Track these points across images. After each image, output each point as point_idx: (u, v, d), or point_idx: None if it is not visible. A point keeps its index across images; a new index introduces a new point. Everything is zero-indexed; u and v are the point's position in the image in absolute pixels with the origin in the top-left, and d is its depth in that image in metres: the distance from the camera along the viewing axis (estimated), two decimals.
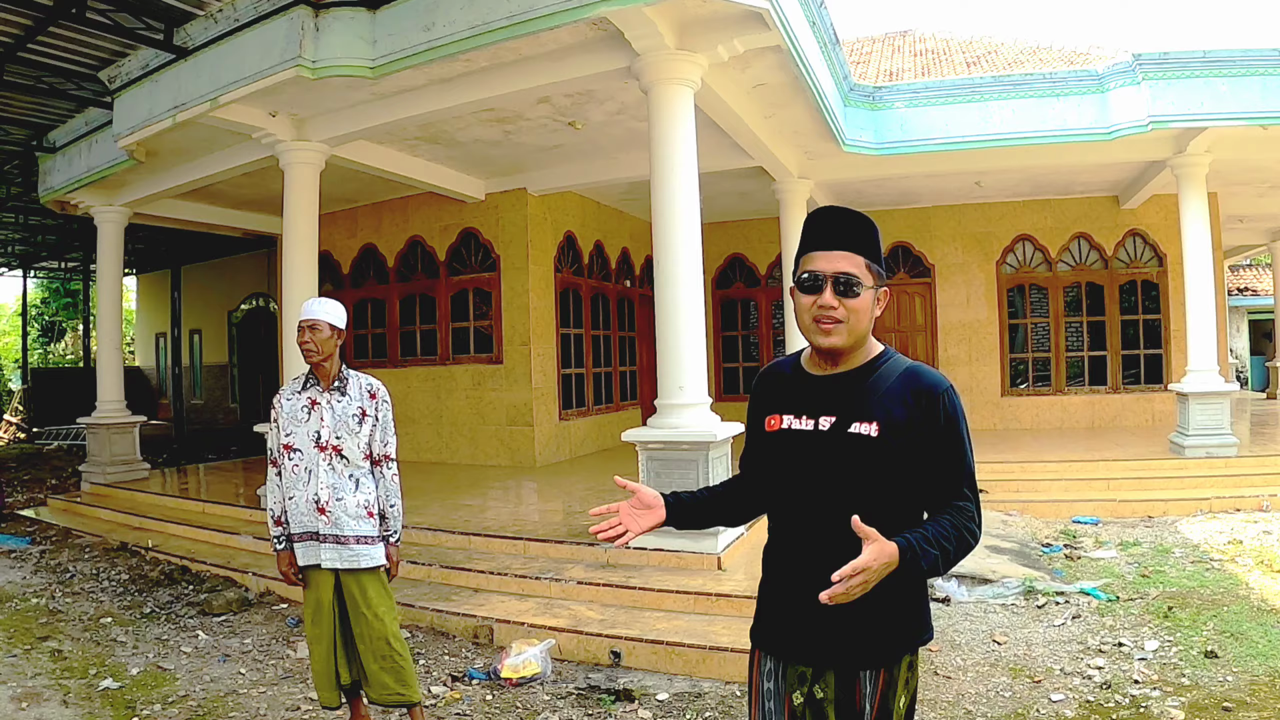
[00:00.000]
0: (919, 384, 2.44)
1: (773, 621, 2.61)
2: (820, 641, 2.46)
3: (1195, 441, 11.54)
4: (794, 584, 2.50)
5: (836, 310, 2.39)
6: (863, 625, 2.41)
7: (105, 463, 13.44)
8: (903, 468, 2.39)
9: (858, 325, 2.42)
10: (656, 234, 7.77)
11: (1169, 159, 11.86)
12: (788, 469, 2.55)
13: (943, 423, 2.40)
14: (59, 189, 12.97)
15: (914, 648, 2.50)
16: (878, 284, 2.47)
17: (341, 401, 4.60)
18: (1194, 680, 5.49)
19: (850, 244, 2.43)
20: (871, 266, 2.44)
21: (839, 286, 2.39)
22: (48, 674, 6.06)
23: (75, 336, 33.64)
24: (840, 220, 2.48)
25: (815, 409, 2.49)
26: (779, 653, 2.57)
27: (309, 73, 8.02)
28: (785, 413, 2.57)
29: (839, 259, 2.41)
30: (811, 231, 2.50)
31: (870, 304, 2.44)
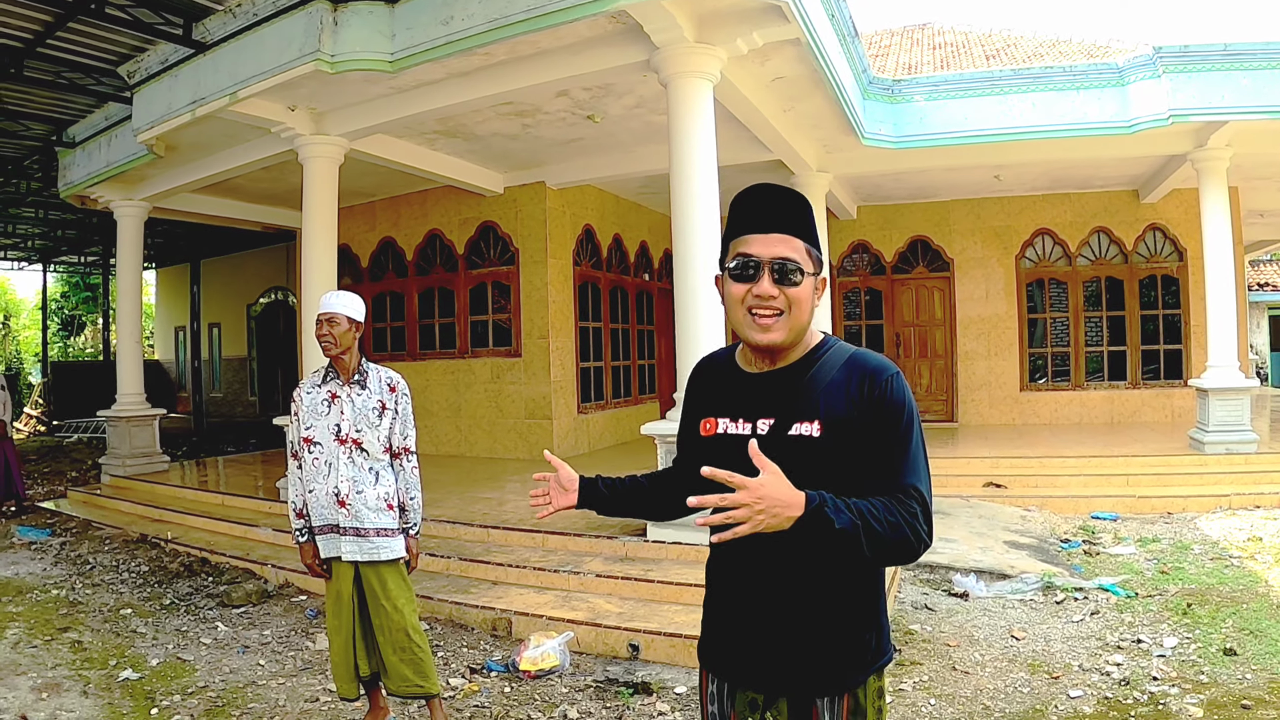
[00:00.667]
0: (862, 371, 2.18)
1: (719, 641, 2.40)
2: (770, 665, 2.25)
3: (1215, 438, 11.47)
4: (739, 603, 2.32)
5: (776, 300, 2.16)
6: (816, 647, 2.21)
7: (125, 455, 13.50)
8: (850, 469, 2.14)
9: (799, 317, 2.19)
10: (676, 227, 7.75)
11: (1189, 153, 11.78)
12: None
13: (885, 411, 2.14)
14: (79, 184, 13.03)
15: (877, 670, 2.28)
16: (818, 270, 2.24)
17: (361, 395, 4.61)
18: (1213, 678, 5.46)
19: (788, 225, 2.19)
20: (811, 251, 2.21)
21: (777, 273, 2.15)
22: (68, 665, 6.11)
23: (95, 330, 33.83)
24: (777, 198, 2.22)
25: (752, 410, 2.26)
26: (727, 675, 2.37)
27: (328, 67, 8.03)
28: (721, 415, 2.34)
29: (777, 242, 2.17)
30: (743, 211, 2.24)
31: (811, 293, 2.20)
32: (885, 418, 2.13)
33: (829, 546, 1.99)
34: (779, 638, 2.21)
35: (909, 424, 2.16)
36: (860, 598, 2.23)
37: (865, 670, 2.23)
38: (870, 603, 2.25)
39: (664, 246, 16.97)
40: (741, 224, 2.23)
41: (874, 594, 2.27)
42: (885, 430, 2.13)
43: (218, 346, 26.08)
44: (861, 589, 2.23)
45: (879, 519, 2.00)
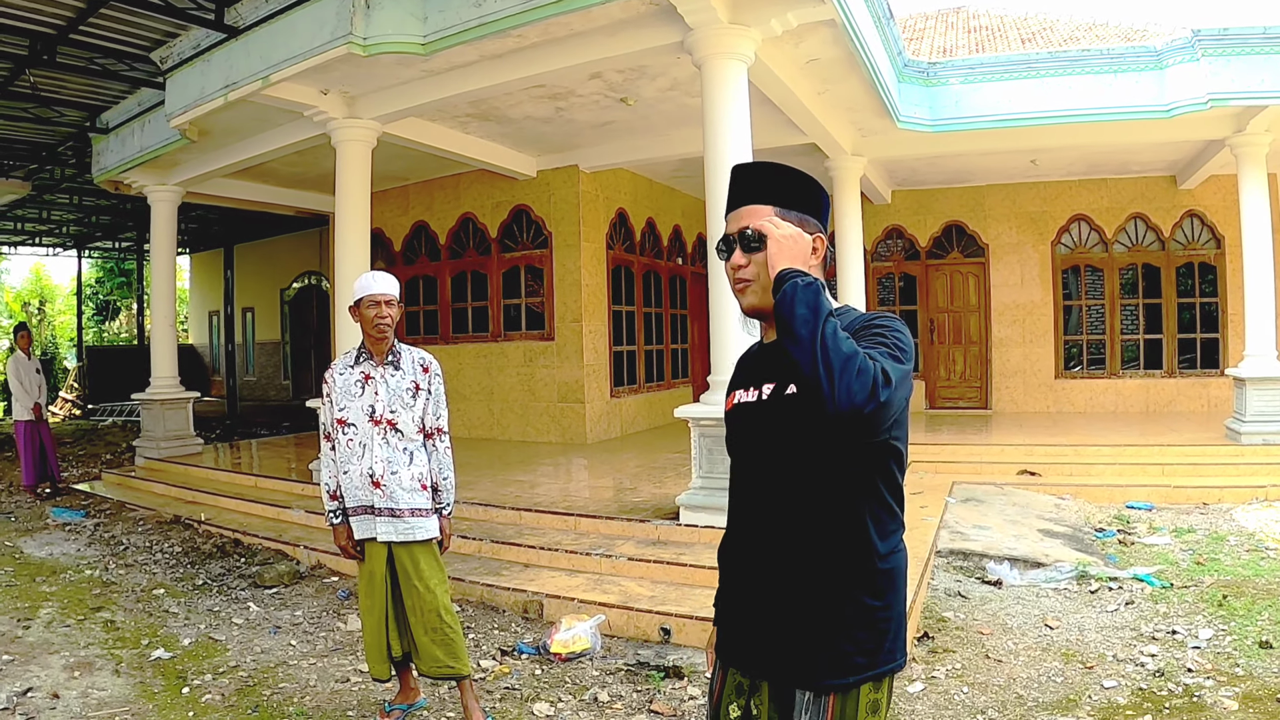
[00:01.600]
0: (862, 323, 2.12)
1: (720, 621, 2.40)
2: (755, 646, 2.22)
3: (1252, 428, 11.32)
4: (736, 577, 2.32)
5: (746, 269, 2.21)
6: (802, 632, 2.12)
7: (159, 438, 13.60)
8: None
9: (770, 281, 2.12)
10: (709, 211, 7.70)
11: (1228, 138, 11.62)
12: (736, 447, 2.38)
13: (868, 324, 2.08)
14: (112, 169, 13.13)
15: (875, 675, 2.14)
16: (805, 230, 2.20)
17: (395, 376, 4.61)
18: (1248, 670, 5.39)
19: (756, 195, 2.26)
20: (788, 213, 2.23)
21: (744, 242, 2.22)
22: (100, 644, 6.16)
23: (129, 315, 34.11)
24: (745, 174, 2.31)
25: (759, 377, 2.30)
26: (720, 652, 2.38)
27: (360, 50, 8.02)
28: (736, 388, 2.40)
29: (743, 215, 2.25)
30: (727, 197, 2.35)
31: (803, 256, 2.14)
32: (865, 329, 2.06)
33: (785, 315, 1.92)
34: (765, 616, 2.18)
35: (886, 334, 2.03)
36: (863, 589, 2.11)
37: (859, 673, 2.11)
38: (874, 598, 2.13)
39: (698, 230, 16.97)
40: (726, 208, 2.34)
41: (881, 589, 2.14)
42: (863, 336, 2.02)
43: (251, 330, 26.28)
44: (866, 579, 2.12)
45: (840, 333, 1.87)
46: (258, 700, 5.18)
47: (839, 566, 2.11)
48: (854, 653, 2.10)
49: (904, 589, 2.21)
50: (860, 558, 2.11)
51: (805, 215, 2.25)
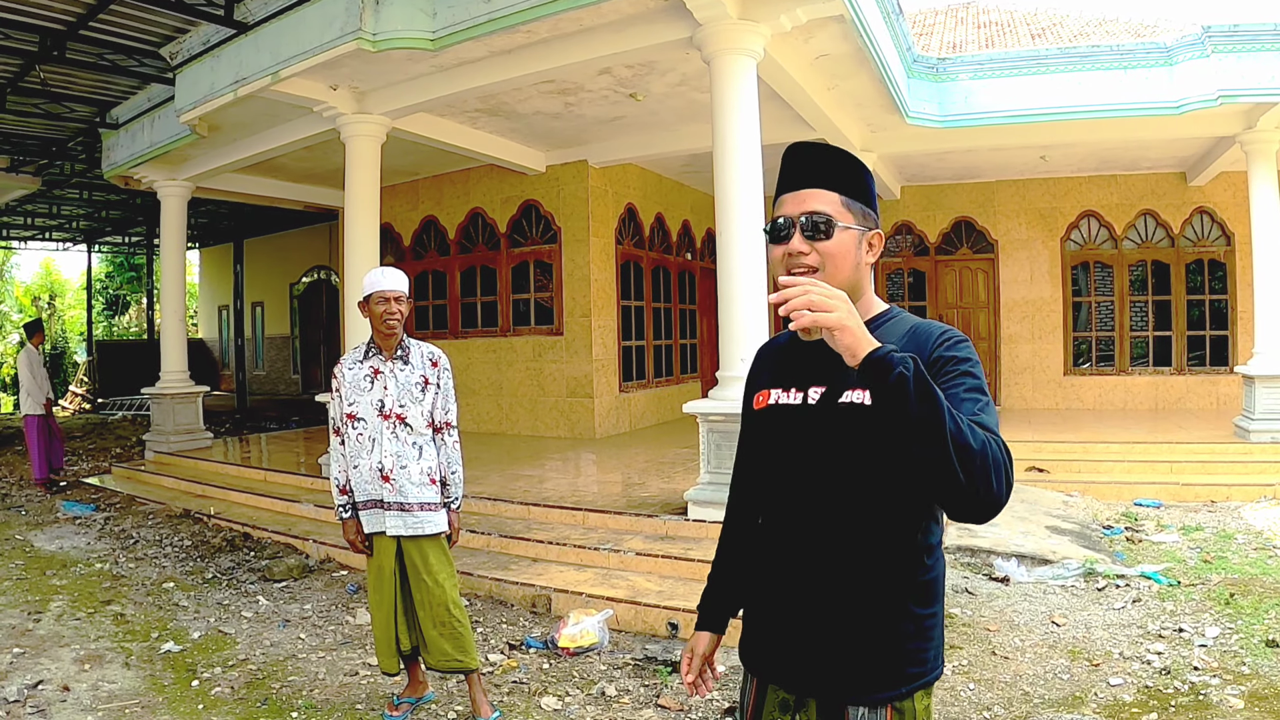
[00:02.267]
0: (925, 334, 2.04)
1: (754, 634, 2.26)
2: (802, 662, 2.10)
3: (1261, 426, 11.29)
4: (776, 590, 2.17)
5: (808, 256, 2.04)
6: (856, 646, 2.03)
7: (169, 432, 13.66)
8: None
9: (836, 272, 2.03)
10: (718, 206, 7.72)
11: (1238, 134, 11.57)
12: (773, 451, 2.22)
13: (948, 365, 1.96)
14: (122, 164, 13.17)
15: (925, 682, 2.08)
16: (864, 224, 2.09)
17: (404, 370, 4.63)
18: (1254, 669, 5.38)
19: (822, 179, 2.09)
20: (852, 204, 2.08)
21: (808, 229, 2.04)
22: (110, 637, 6.20)
23: (139, 309, 34.23)
24: (809, 154, 2.13)
25: (804, 379, 2.13)
26: (758, 669, 2.24)
27: (369, 45, 8.04)
28: (774, 386, 2.22)
29: (807, 198, 2.07)
30: (781, 174, 2.16)
31: (853, 247, 2.06)
32: (951, 370, 1.94)
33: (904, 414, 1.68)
34: (813, 631, 2.06)
35: (979, 382, 1.95)
36: (911, 598, 2.04)
37: (911, 683, 2.04)
38: (922, 607, 2.06)
39: (707, 226, 16.98)
40: (780, 186, 2.17)
41: (928, 597, 2.07)
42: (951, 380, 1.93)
43: (261, 325, 26.36)
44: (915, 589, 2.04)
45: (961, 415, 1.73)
46: (267, 693, 5.21)
47: (892, 577, 2.02)
48: (908, 663, 2.04)
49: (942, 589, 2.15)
50: (911, 566, 2.04)
51: (867, 208, 2.12)
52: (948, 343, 2.00)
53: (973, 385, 1.93)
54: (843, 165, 2.12)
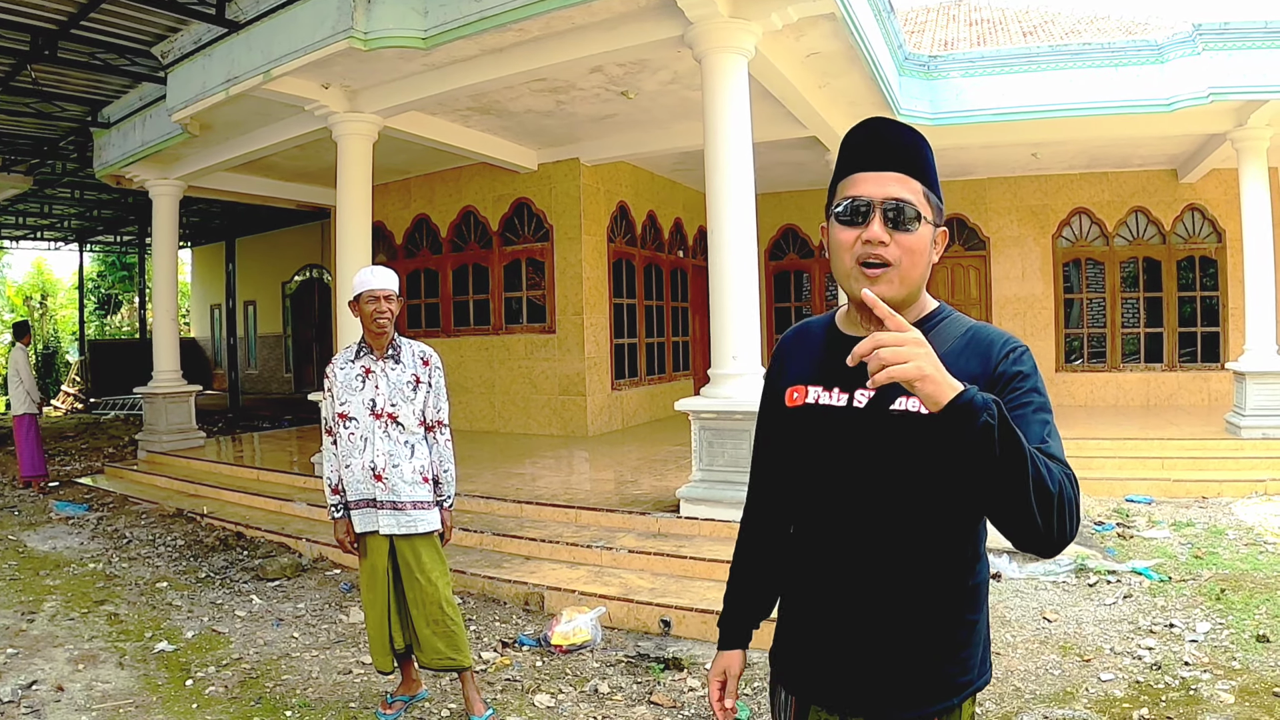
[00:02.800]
0: (985, 343, 1.88)
1: (791, 649, 2.11)
2: (846, 679, 1.96)
3: (1252, 422, 11.32)
4: (818, 605, 2.01)
5: (887, 248, 1.84)
6: (906, 658, 1.90)
7: (161, 431, 13.65)
8: None
9: (911, 270, 1.87)
10: (710, 203, 7.73)
11: (1229, 132, 11.60)
12: (812, 456, 2.01)
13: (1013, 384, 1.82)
14: (114, 164, 13.15)
15: (974, 690, 1.97)
16: (937, 221, 1.92)
17: (396, 369, 4.64)
18: (1245, 664, 5.40)
19: (906, 164, 1.88)
20: (931, 197, 1.90)
21: (890, 216, 1.84)
22: (104, 636, 6.19)
23: (131, 309, 34.19)
24: (893, 133, 1.91)
25: (849, 378, 1.92)
26: (796, 688, 2.09)
27: (361, 44, 8.04)
28: (811, 383, 2.02)
29: (891, 181, 1.86)
30: (854, 148, 1.94)
31: (928, 243, 1.89)
32: (1017, 389, 1.82)
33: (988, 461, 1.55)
34: (860, 646, 1.93)
35: (1044, 400, 1.84)
36: (962, 606, 1.93)
37: (961, 692, 1.93)
38: (972, 613, 1.95)
39: (698, 223, 16.97)
40: (852, 162, 1.93)
41: (976, 602, 1.96)
42: (1018, 401, 1.80)
43: (253, 324, 26.35)
44: (965, 595, 1.93)
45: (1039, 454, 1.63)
46: (261, 692, 5.21)
47: (943, 585, 1.90)
48: (958, 672, 1.93)
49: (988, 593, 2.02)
50: (962, 573, 1.93)
51: (939, 203, 1.95)
52: (1013, 354, 1.87)
53: (1039, 404, 1.82)
54: (926, 153, 1.93)
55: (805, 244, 17.99)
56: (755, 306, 7.72)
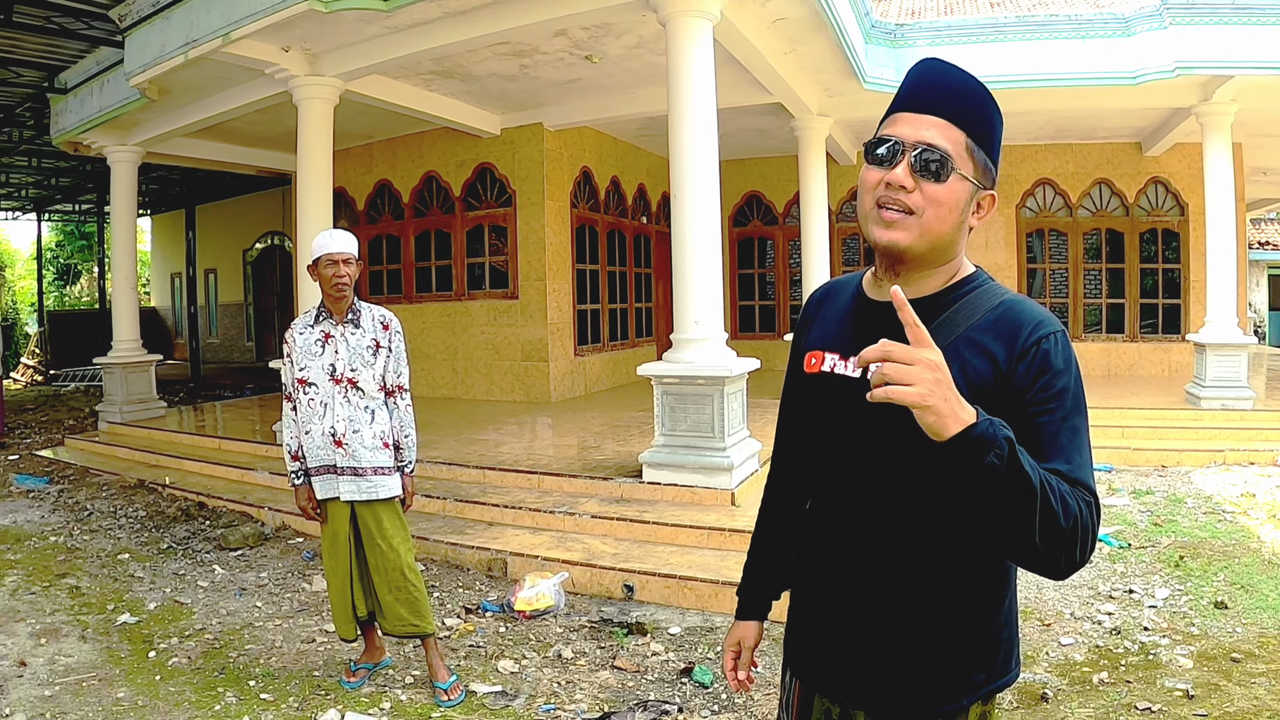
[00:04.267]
0: (1016, 322, 1.70)
1: (799, 635, 2.02)
2: (849, 670, 1.87)
3: (1211, 393, 11.45)
4: (824, 589, 1.92)
5: (910, 194, 1.71)
6: (909, 655, 1.78)
7: (122, 402, 13.49)
8: None
9: (935, 224, 1.72)
10: (674, 168, 7.69)
11: (1194, 106, 11.65)
12: (825, 428, 1.91)
13: (1045, 379, 1.65)
14: (71, 130, 12.92)
15: (988, 692, 1.81)
16: (981, 180, 1.76)
17: (355, 334, 4.59)
18: (1203, 630, 5.48)
19: (952, 110, 1.74)
20: (976, 152, 1.74)
21: (919, 162, 1.70)
22: (66, 610, 6.13)
23: (91, 279, 33.77)
24: (946, 78, 1.77)
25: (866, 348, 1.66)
26: (801, 673, 2.01)
27: (322, 6, 7.90)
28: (830, 349, 1.90)
29: (928, 125, 1.72)
30: (904, 87, 1.81)
31: (962, 200, 1.73)
32: (1044, 389, 1.65)
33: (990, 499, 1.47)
34: (862, 637, 1.83)
35: (1076, 400, 1.67)
36: (975, 601, 1.78)
37: (970, 694, 1.80)
38: (988, 608, 1.80)
39: (662, 189, 16.96)
40: (898, 100, 1.81)
41: (998, 597, 1.81)
42: (1044, 405, 1.65)
43: (214, 292, 26.09)
44: (978, 590, 1.78)
45: (1055, 487, 1.50)
46: (224, 662, 5.18)
47: (958, 577, 1.76)
48: (971, 670, 1.80)
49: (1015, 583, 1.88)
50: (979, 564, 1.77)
51: (990, 162, 1.78)
52: (1042, 344, 1.67)
53: (1069, 410, 1.65)
54: (978, 102, 1.77)
55: (769, 210, 17.97)
56: (718, 273, 7.71)
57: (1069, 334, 11.63)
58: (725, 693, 4.72)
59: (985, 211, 1.79)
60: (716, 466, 7.36)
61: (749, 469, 7.72)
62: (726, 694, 4.71)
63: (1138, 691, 4.64)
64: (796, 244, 16.48)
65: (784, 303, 18.06)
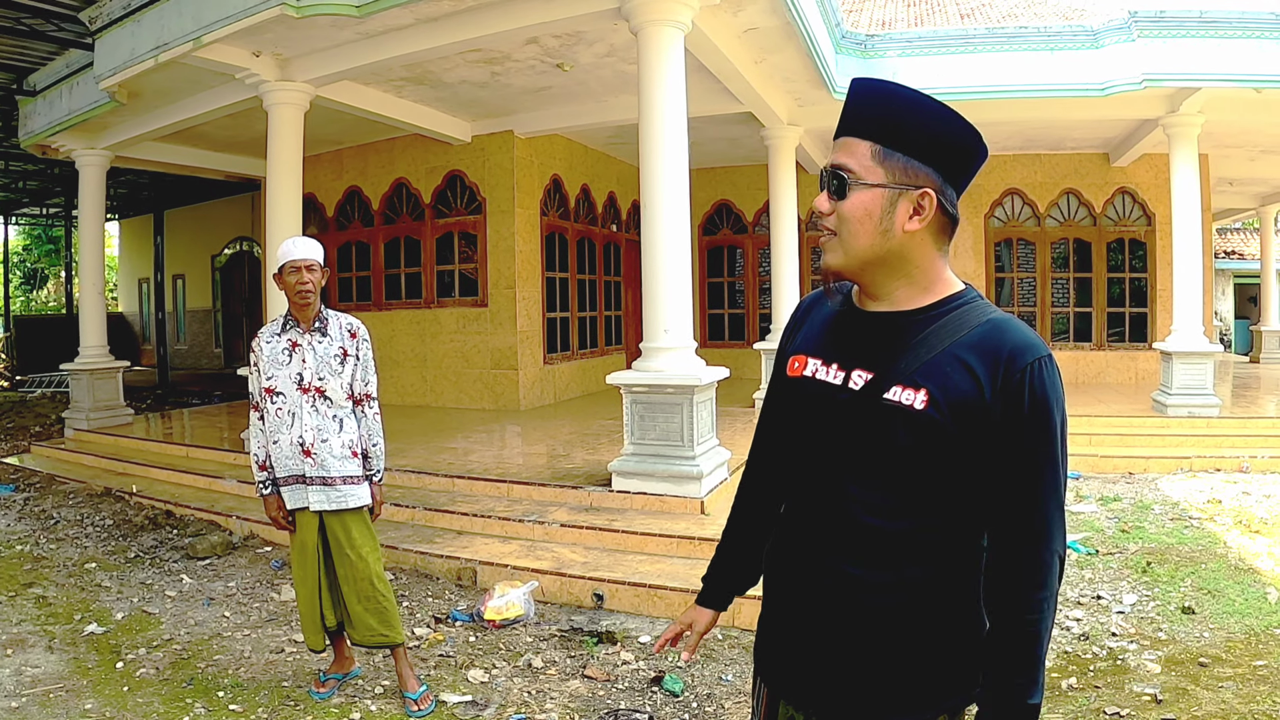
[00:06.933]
0: (998, 343, 1.67)
1: (767, 641, 2.00)
2: (813, 677, 1.85)
3: (1178, 400, 11.58)
4: (790, 594, 1.91)
5: (828, 217, 1.79)
6: (875, 664, 1.76)
7: (89, 409, 13.37)
8: (955, 463, 1.68)
9: (850, 239, 1.76)
10: (644, 177, 7.70)
11: (1161, 118, 11.79)
12: (800, 432, 1.91)
13: (1023, 409, 1.63)
14: (40, 133, 12.80)
15: (954, 706, 1.80)
16: (900, 182, 1.72)
17: (323, 342, 4.56)
18: (1171, 635, 5.54)
19: (858, 125, 1.76)
20: (890, 157, 1.72)
21: (827, 186, 1.79)
22: (33, 620, 6.06)
23: (58, 283, 33.47)
24: (861, 93, 1.79)
25: (850, 357, 1.81)
26: (768, 679, 1.99)
27: (293, 11, 7.88)
28: (813, 354, 1.90)
29: (841, 147, 1.77)
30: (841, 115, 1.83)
31: (874, 209, 1.73)
32: (1021, 420, 1.64)
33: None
34: (825, 645, 1.81)
35: (1054, 436, 1.65)
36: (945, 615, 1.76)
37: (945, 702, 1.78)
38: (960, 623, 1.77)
39: (632, 197, 16.94)
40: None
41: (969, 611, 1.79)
42: (1019, 438, 1.64)
43: (182, 298, 25.89)
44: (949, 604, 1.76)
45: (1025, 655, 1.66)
46: (192, 673, 5.13)
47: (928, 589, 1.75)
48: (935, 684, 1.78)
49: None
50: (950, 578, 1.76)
51: (913, 161, 1.73)
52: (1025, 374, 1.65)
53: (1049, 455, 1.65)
54: (889, 106, 1.75)
55: (739, 219, 18.01)
56: (688, 281, 7.72)
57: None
58: (696, 701, 4.73)
59: (927, 211, 1.73)
60: (686, 475, 7.37)
61: (718, 478, 7.74)
62: (697, 703, 4.71)
63: (1106, 697, 4.68)
64: (766, 253, 16.56)
65: (753, 311, 18.09)
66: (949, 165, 1.74)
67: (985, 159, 1.80)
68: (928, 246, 1.77)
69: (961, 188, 1.79)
